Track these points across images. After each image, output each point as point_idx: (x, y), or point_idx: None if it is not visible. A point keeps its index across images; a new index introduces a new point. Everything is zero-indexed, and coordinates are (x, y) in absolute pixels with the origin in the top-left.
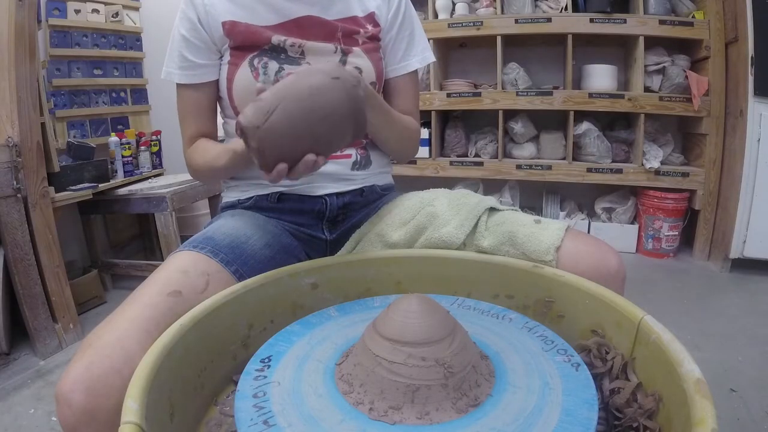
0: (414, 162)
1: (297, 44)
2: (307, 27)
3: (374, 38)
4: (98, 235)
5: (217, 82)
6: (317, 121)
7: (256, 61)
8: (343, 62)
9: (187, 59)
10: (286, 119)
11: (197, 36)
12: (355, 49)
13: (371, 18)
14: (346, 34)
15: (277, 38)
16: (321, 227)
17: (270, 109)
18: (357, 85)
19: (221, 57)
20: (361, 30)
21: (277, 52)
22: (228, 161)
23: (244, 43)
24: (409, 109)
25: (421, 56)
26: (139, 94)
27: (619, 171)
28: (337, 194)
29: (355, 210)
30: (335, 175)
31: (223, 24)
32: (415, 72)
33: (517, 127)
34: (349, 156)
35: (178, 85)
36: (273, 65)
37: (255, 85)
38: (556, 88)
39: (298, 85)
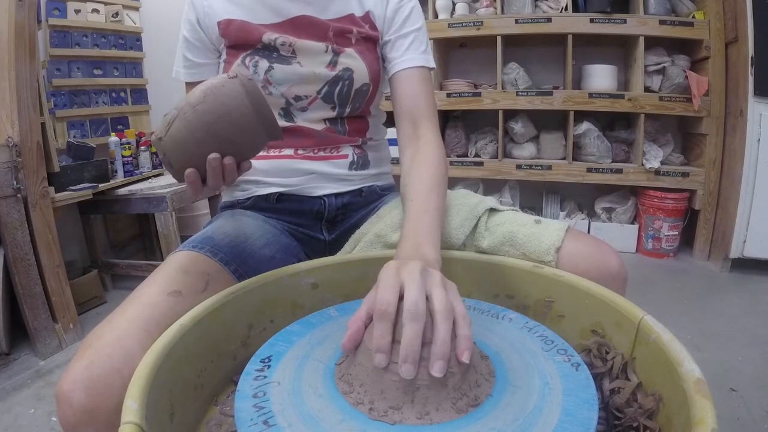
0: None
1: (288, 43)
2: (300, 26)
3: (369, 39)
4: (98, 235)
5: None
6: (215, 120)
7: (247, 60)
8: (335, 62)
9: (188, 59)
10: (184, 125)
11: (196, 37)
12: (347, 49)
13: (368, 18)
14: (338, 33)
15: (267, 36)
16: (320, 228)
17: (171, 119)
18: (252, 79)
19: (220, 56)
20: (355, 29)
21: (269, 50)
22: None
23: (238, 41)
24: (414, 103)
25: (425, 56)
26: (139, 94)
27: (619, 171)
28: (336, 195)
29: (354, 210)
30: (333, 176)
31: (219, 23)
32: (421, 69)
33: (517, 127)
34: (346, 156)
35: (185, 84)
36: (263, 64)
37: None
38: (556, 88)
39: (196, 90)
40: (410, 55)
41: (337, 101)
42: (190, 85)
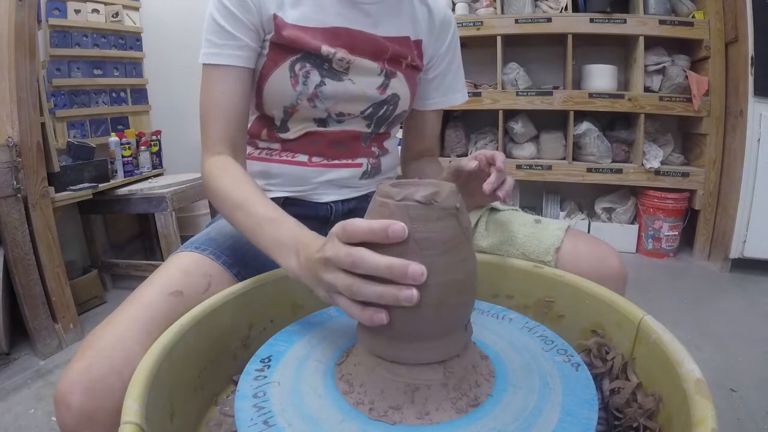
0: None
1: (345, 60)
2: (359, 40)
3: (416, 68)
4: (98, 235)
5: (253, 72)
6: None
7: (297, 67)
8: (386, 85)
9: (231, 35)
10: None
11: (246, 12)
12: (399, 73)
13: (419, 45)
14: (394, 57)
15: (326, 49)
16: (325, 232)
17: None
18: None
19: (263, 46)
20: (409, 56)
21: (322, 60)
22: (253, 232)
23: (292, 44)
24: (435, 137)
25: (462, 92)
26: (139, 94)
27: (619, 171)
28: (343, 201)
29: (359, 215)
30: (343, 182)
31: (275, 16)
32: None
33: (517, 127)
34: (360, 165)
35: (209, 70)
36: (314, 77)
37: (290, 92)
38: (556, 88)
39: None
40: (447, 96)
41: (375, 121)
42: (218, 72)
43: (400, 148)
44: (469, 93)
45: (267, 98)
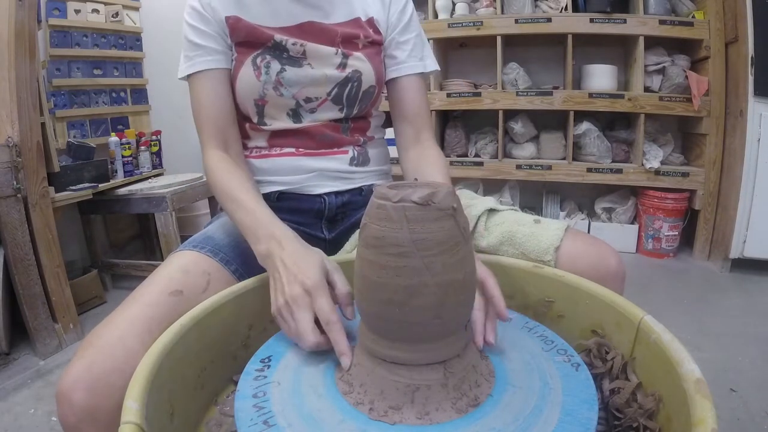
0: None
1: (299, 43)
2: (309, 32)
3: (375, 43)
4: (98, 235)
5: (230, 72)
6: None
7: (258, 60)
8: (344, 64)
9: (200, 46)
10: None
11: (207, 24)
12: (356, 53)
13: (372, 23)
14: (346, 38)
15: (279, 36)
16: (320, 226)
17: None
18: None
19: (231, 49)
20: (362, 35)
21: (279, 50)
22: (240, 226)
23: (248, 38)
24: (418, 110)
25: (424, 62)
26: (139, 94)
27: (619, 171)
28: (336, 193)
29: (354, 209)
30: (334, 173)
31: (227, 18)
32: (422, 76)
33: (517, 127)
34: (347, 152)
35: (191, 80)
36: (275, 65)
37: (255, 83)
38: (556, 88)
39: None
40: (412, 62)
41: (346, 103)
42: (198, 79)
43: (395, 146)
44: (469, 93)
45: (239, 95)
